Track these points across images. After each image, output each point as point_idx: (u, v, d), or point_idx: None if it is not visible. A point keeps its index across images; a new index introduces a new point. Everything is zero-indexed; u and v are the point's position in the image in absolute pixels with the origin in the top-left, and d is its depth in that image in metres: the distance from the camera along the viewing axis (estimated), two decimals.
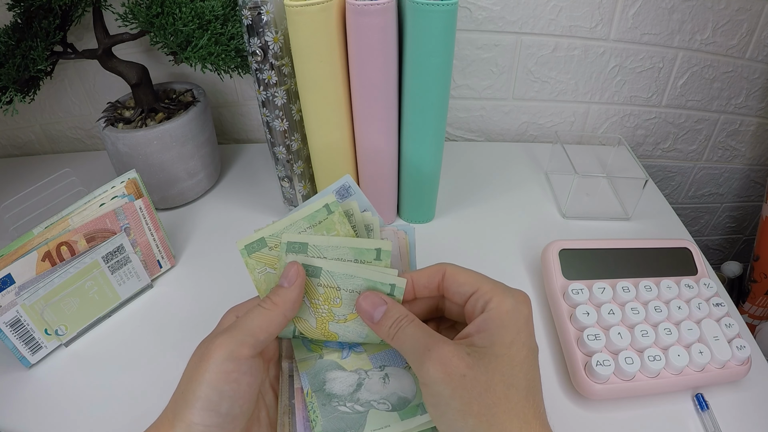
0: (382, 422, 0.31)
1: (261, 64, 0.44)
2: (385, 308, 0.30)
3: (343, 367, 0.34)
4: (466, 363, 0.27)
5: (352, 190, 0.35)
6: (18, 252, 0.41)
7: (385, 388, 0.32)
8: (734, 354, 0.40)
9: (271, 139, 0.50)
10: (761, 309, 0.80)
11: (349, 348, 0.35)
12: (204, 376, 0.27)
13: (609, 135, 0.73)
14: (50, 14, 0.49)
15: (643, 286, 0.44)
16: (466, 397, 0.26)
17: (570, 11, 0.62)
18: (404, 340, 0.29)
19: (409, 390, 0.32)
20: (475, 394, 0.26)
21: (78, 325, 0.45)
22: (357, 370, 0.33)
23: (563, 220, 0.58)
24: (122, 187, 0.46)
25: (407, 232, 0.35)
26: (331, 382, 0.33)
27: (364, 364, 0.33)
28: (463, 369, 0.26)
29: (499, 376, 0.26)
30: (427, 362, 0.27)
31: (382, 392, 0.32)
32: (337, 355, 0.34)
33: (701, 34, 0.65)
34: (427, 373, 0.27)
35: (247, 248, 0.32)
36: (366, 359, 0.34)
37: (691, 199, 0.87)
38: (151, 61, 0.65)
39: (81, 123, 0.72)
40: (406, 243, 0.35)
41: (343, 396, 0.32)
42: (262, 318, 0.29)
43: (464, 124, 0.73)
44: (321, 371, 0.33)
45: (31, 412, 0.40)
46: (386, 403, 0.32)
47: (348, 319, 0.33)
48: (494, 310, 0.28)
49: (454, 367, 0.26)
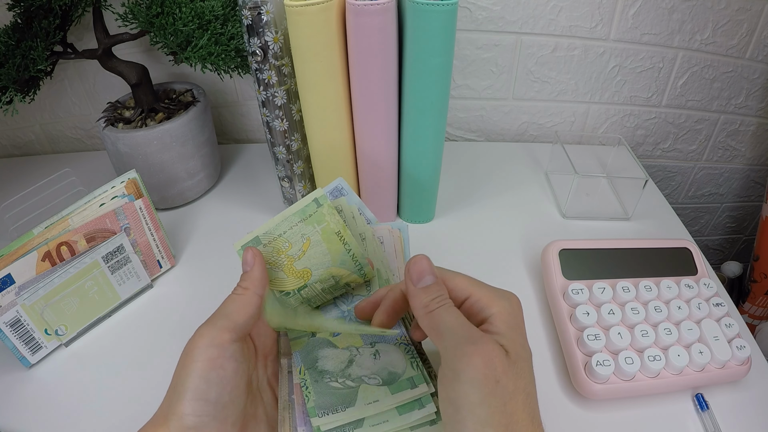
0: (373, 396, 0.31)
1: (261, 64, 0.44)
2: (432, 279, 0.30)
3: (335, 345, 0.34)
4: (503, 366, 0.26)
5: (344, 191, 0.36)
6: (18, 252, 0.41)
7: (376, 364, 0.33)
8: (734, 354, 0.40)
9: (271, 139, 0.50)
10: (761, 309, 0.80)
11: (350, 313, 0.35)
12: (190, 367, 0.28)
13: (609, 135, 0.73)
14: (50, 14, 0.49)
15: (643, 286, 0.44)
16: (493, 406, 0.25)
17: (570, 11, 0.62)
18: (444, 320, 0.28)
19: (399, 365, 0.32)
20: (501, 403, 0.25)
21: (78, 325, 0.45)
22: (348, 347, 0.34)
23: (563, 220, 0.58)
24: (122, 187, 0.46)
25: (401, 229, 0.36)
26: (323, 360, 0.33)
27: (355, 341, 0.34)
28: (500, 373, 0.25)
29: (522, 383, 0.26)
30: (473, 355, 0.25)
31: (373, 368, 0.33)
32: (329, 333, 0.35)
33: (701, 34, 0.65)
34: (468, 366, 0.25)
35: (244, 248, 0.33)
36: (357, 336, 0.34)
37: (691, 199, 0.87)
38: (151, 61, 0.65)
39: (81, 123, 0.72)
40: (400, 240, 0.36)
41: (335, 372, 0.33)
42: (236, 303, 0.31)
43: (464, 124, 0.73)
44: (313, 349, 0.34)
45: (31, 412, 0.40)
46: (377, 377, 0.32)
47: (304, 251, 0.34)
48: (497, 315, 0.28)
49: (494, 370, 0.25)
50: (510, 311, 0.29)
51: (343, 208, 0.35)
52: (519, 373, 0.26)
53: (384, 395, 0.31)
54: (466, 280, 0.30)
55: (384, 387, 0.31)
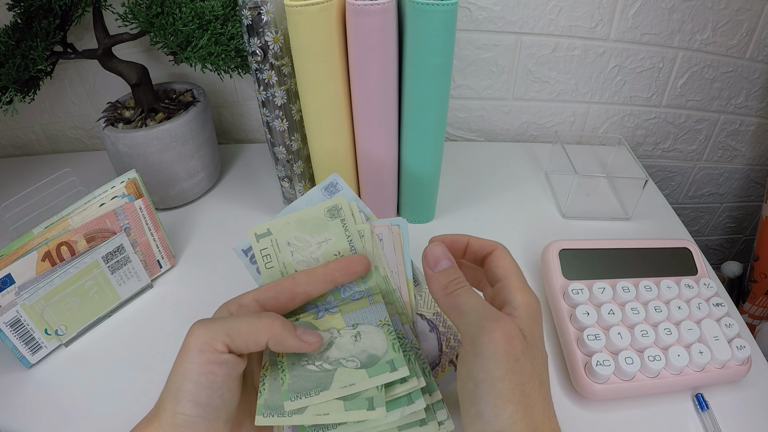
0: (349, 380, 0.30)
1: (261, 64, 0.44)
2: (448, 263, 0.31)
3: (317, 327, 0.33)
4: (522, 347, 0.26)
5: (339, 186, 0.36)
6: (18, 252, 0.41)
7: (356, 346, 0.32)
8: (734, 354, 0.40)
9: (271, 139, 0.50)
10: (761, 309, 0.80)
11: (324, 309, 0.34)
12: (183, 367, 0.27)
13: (609, 135, 0.73)
14: (50, 14, 0.49)
15: (643, 286, 0.44)
16: (514, 382, 0.26)
17: (570, 11, 0.62)
18: (464, 300, 0.29)
19: (380, 347, 0.31)
20: (520, 382, 0.26)
21: (78, 325, 0.45)
22: (330, 329, 0.33)
23: (563, 220, 0.58)
24: (122, 187, 0.46)
25: (400, 225, 0.36)
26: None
27: (337, 323, 0.33)
28: (519, 352, 0.26)
29: (538, 368, 0.27)
30: (494, 331, 0.26)
31: (352, 350, 0.32)
32: (313, 316, 0.34)
33: (701, 34, 0.65)
34: (490, 341, 0.26)
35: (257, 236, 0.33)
36: (340, 318, 0.33)
37: (691, 199, 0.87)
38: (151, 61, 0.65)
39: (81, 123, 0.72)
40: (399, 236, 0.36)
41: (313, 355, 0.32)
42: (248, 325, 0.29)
43: (464, 124, 0.73)
44: None
45: (31, 412, 0.40)
46: (355, 360, 0.31)
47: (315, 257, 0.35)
48: (522, 303, 0.29)
49: (514, 347, 0.26)
50: (533, 305, 0.29)
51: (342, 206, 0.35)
52: (535, 358, 0.27)
53: (361, 378, 0.30)
54: (512, 266, 0.32)
55: (362, 370, 0.30)
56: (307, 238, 0.34)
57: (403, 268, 0.35)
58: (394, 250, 0.36)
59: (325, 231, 0.34)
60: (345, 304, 0.34)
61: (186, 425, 0.27)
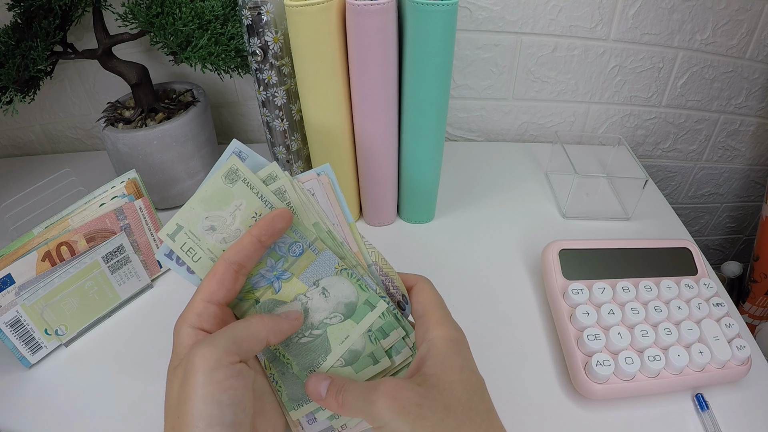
0: (342, 334, 0.32)
1: (261, 64, 0.44)
2: (327, 382, 0.30)
3: (283, 300, 0.33)
4: (418, 393, 0.26)
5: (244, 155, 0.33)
6: (18, 252, 0.41)
7: (329, 302, 0.32)
8: (734, 354, 0.40)
9: (271, 139, 0.50)
10: (761, 309, 0.80)
11: (276, 278, 0.33)
12: (196, 393, 0.25)
13: (609, 135, 0.73)
14: (50, 14, 0.49)
15: (643, 286, 0.44)
16: (428, 426, 0.25)
17: (570, 11, 0.62)
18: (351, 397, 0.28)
19: (351, 293, 0.32)
20: (438, 421, 0.25)
21: (78, 325, 0.45)
22: (296, 296, 0.33)
23: (563, 220, 0.58)
24: (122, 187, 0.46)
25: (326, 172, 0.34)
26: None
27: (298, 288, 0.33)
28: (417, 399, 0.26)
29: (456, 399, 0.26)
30: (377, 401, 0.26)
31: (328, 307, 0.32)
32: (270, 291, 0.33)
33: (701, 34, 0.65)
34: (379, 412, 0.26)
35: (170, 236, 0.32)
36: (297, 282, 0.33)
37: (691, 199, 0.87)
38: (151, 61, 0.65)
39: (81, 123, 0.72)
40: (329, 183, 0.34)
41: (299, 330, 0.32)
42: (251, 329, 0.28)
43: (464, 124, 0.73)
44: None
45: (31, 412, 0.40)
46: (337, 315, 0.32)
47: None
48: (438, 338, 0.28)
49: (407, 399, 0.26)
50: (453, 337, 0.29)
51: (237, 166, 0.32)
52: (444, 393, 0.26)
53: (351, 327, 0.32)
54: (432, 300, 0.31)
55: (348, 320, 0.32)
56: (219, 214, 0.32)
57: (342, 217, 0.34)
58: (329, 201, 0.34)
59: (232, 199, 0.32)
60: (293, 265, 0.33)
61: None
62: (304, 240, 0.32)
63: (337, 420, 0.32)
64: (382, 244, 0.33)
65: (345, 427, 0.32)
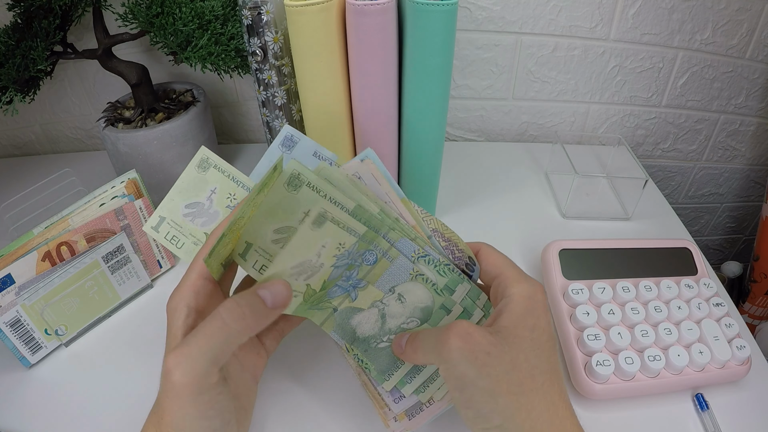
0: None
1: (261, 64, 0.44)
2: (406, 337, 0.31)
3: (360, 308, 0.34)
4: (488, 341, 0.26)
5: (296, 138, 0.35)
6: (18, 252, 0.41)
7: (406, 308, 0.33)
8: (734, 354, 0.40)
9: (271, 139, 0.50)
10: (761, 309, 0.80)
11: (353, 287, 0.34)
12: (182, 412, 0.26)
13: (609, 135, 0.73)
14: (50, 14, 0.49)
15: (643, 286, 0.44)
16: (494, 375, 0.26)
17: (570, 11, 0.62)
18: (424, 339, 0.29)
19: (426, 298, 0.33)
20: (503, 372, 0.26)
21: (78, 325, 0.45)
22: (373, 303, 0.33)
23: (563, 220, 0.58)
24: (122, 187, 0.46)
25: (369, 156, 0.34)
26: (359, 327, 0.34)
27: (375, 295, 0.34)
28: (487, 346, 0.26)
29: (523, 355, 0.26)
30: (450, 339, 0.26)
31: (405, 312, 0.33)
32: (348, 300, 0.34)
33: (701, 34, 0.65)
34: (450, 349, 0.26)
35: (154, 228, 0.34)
36: (374, 290, 0.33)
37: (691, 199, 0.87)
38: (151, 61, 0.65)
39: (81, 123, 0.72)
40: (375, 167, 0.34)
41: (376, 334, 0.34)
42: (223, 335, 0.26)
43: (464, 124, 0.73)
44: (344, 322, 0.34)
45: (31, 412, 0.40)
46: (414, 320, 0.33)
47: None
48: (516, 295, 0.29)
49: (476, 343, 0.26)
50: (532, 294, 0.29)
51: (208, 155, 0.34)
52: (513, 347, 0.27)
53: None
54: (502, 260, 0.32)
55: (424, 325, 0.33)
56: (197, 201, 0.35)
57: (394, 194, 0.34)
58: (377, 181, 0.35)
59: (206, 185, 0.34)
60: (368, 274, 0.33)
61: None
62: (378, 248, 0.32)
63: (423, 393, 0.33)
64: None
65: (432, 400, 0.33)
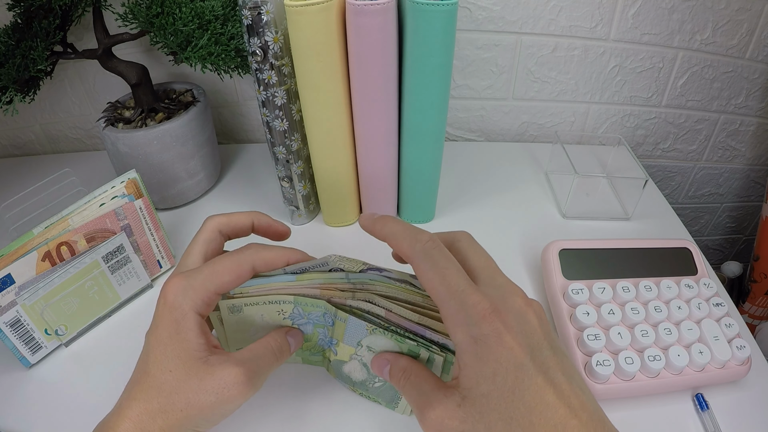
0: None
1: (261, 64, 0.44)
2: (388, 366, 0.32)
3: (344, 360, 0.36)
4: (459, 419, 0.25)
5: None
6: (18, 252, 0.41)
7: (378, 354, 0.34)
8: (734, 354, 0.40)
9: (271, 139, 0.50)
10: (761, 309, 0.80)
11: (329, 344, 0.36)
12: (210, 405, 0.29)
13: (609, 135, 0.73)
14: (50, 14, 0.49)
15: (643, 286, 0.44)
16: None
17: (570, 11, 0.62)
18: (406, 394, 0.30)
19: (392, 345, 0.32)
20: None
21: (78, 325, 0.45)
22: (351, 356, 0.35)
23: (563, 220, 0.58)
24: (122, 187, 0.46)
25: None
26: (352, 374, 0.37)
27: (348, 350, 0.35)
28: (459, 426, 0.25)
29: (496, 414, 0.24)
30: (425, 428, 0.27)
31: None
32: (332, 353, 0.36)
33: (701, 34, 0.65)
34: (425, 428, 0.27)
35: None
36: (345, 345, 0.34)
37: (691, 199, 0.87)
38: (151, 61, 0.65)
39: (81, 123, 0.72)
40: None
41: (367, 378, 0.36)
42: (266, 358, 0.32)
43: (464, 124, 0.73)
44: (339, 371, 0.38)
45: (31, 412, 0.40)
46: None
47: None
48: (461, 344, 0.26)
49: (449, 428, 0.26)
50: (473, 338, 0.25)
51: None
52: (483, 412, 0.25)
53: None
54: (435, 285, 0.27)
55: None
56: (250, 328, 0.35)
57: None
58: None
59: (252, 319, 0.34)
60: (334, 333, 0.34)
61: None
62: (329, 311, 0.33)
63: None
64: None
65: None
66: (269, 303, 0.32)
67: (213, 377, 0.28)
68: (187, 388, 0.28)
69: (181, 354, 0.29)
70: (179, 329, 0.29)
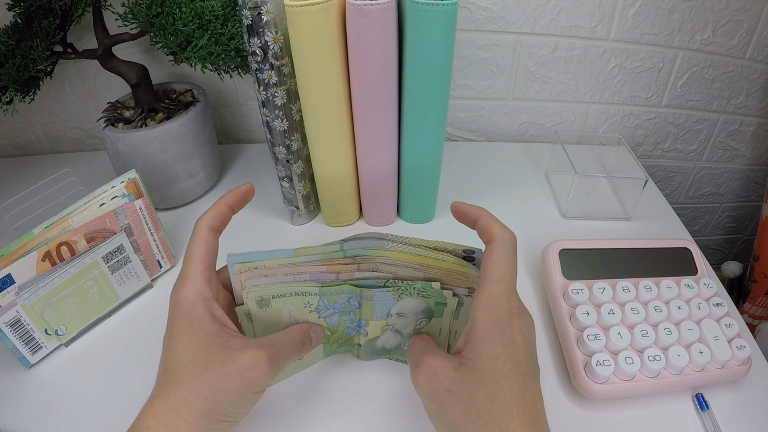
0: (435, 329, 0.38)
1: (261, 64, 0.44)
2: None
3: (377, 336, 0.39)
4: (451, 378, 0.28)
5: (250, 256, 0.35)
6: (18, 252, 0.41)
7: (409, 318, 0.36)
8: (734, 354, 0.40)
9: (271, 139, 0.50)
10: (761, 309, 0.80)
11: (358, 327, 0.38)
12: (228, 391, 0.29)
13: (609, 135, 0.73)
14: (50, 14, 0.49)
15: (643, 286, 0.44)
16: (451, 412, 0.27)
17: (570, 11, 0.62)
18: (409, 354, 0.33)
19: (420, 304, 0.35)
20: (459, 409, 0.27)
21: (78, 325, 0.45)
22: (383, 329, 0.38)
23: (563, 220, 0.58)
24: (122, 187, 0.46)
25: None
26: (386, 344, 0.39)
27: (380, 324, 0.37)
28: (448, 384, 0.28)
29: (483, 389, 0.27)
30: (418, 375, 0.29)
31: (411, 321, 0.37)
32: (362, 336, 0.39)
33: (701, 34, 0.65)
34: (417, 384, 0.29)
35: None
36: (375, 322, 0.37)
37: (691, 199, 0.87)
38: (151, 61, 0.65)
39: (81, 123, 0.72)
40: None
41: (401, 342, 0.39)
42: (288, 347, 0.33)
43: (464, 124, 0.73)
44: (372, 348, 0.40)
45: (31, 412, 0.40)
46: (421, 320, 0.37)
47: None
48: (480, 320, 0.29)
49: (439, 382, 0.28)
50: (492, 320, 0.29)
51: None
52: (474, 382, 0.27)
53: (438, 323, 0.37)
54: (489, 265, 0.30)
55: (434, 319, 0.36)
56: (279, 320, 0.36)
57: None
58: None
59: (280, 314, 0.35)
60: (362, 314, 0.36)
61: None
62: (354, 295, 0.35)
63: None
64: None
65: None
66: (295, 294, 0.34)
67: (235, 361, 0.29)
68: (209, 374, 0.28)
69: (199, 342, 0.29)
70: (191, 321, 0.30)
